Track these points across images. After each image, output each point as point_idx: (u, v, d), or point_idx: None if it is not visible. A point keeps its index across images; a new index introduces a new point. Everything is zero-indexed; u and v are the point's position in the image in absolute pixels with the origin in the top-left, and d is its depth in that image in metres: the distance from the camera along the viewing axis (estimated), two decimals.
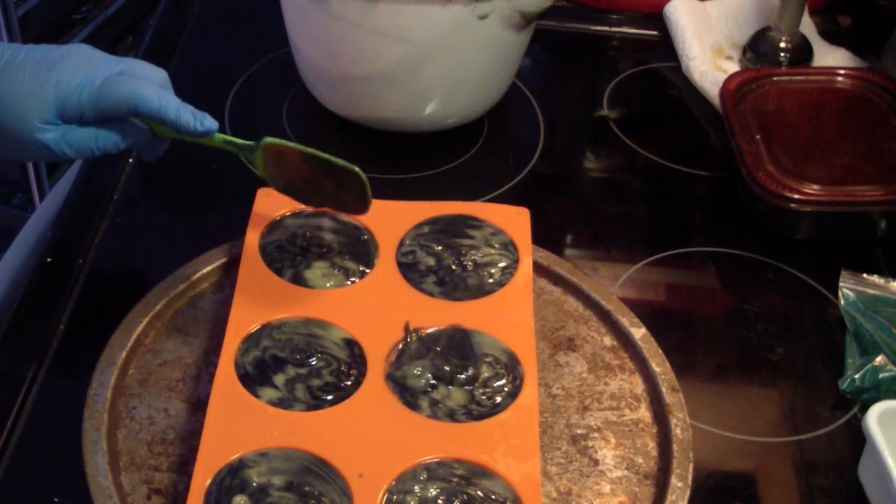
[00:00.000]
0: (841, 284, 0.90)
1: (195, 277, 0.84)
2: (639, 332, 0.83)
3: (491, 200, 0.98)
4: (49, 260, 0.88)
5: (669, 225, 0.99)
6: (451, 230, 0.86)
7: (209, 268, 0.85)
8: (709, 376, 0.86)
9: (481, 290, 0.82)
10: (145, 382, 0.78)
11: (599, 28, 1.23)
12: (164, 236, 0.94)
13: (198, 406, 0.76)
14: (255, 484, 0.67)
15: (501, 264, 0.84)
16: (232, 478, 0.67)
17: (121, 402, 0.77)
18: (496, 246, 0.85)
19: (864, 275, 0.91)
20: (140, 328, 0.80)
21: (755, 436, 0.81)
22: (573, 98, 1.16)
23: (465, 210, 0.88)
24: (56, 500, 0.71)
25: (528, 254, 0.85)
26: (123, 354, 0.78)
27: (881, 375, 0.82)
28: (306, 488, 0.67)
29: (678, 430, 0.76)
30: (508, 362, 0.77)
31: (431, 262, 0.84)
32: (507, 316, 0.80)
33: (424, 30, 0.94)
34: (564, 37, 1.23)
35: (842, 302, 0.89)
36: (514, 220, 0.87)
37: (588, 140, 1.11)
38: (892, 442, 0.74)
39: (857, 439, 0.77)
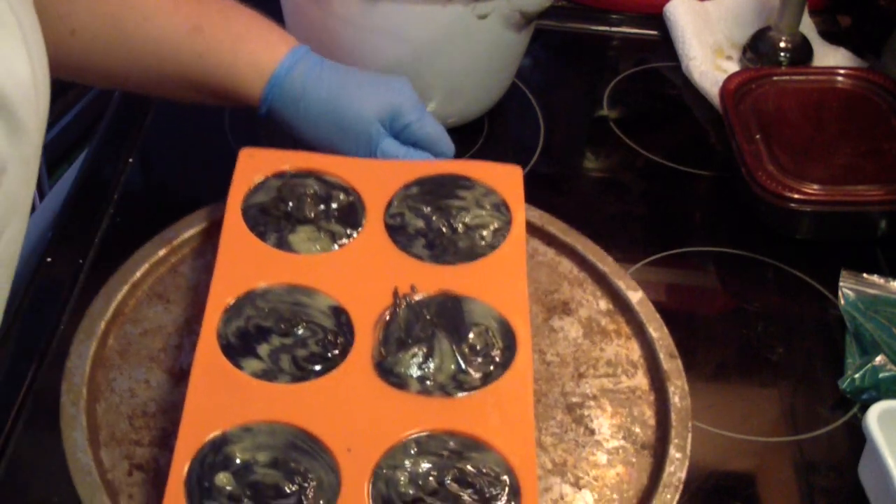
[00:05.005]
0: (841, 284, 0.90)
1: (176, 242, 0.82)
2: (636, 296, 0.81)
3: None
4: (49, 260, 0.88)
5: (669, 225, 0.99)
6: (440, 191, 0.82)
7: (190, 232, 0.83)
8: (709, 376, 0.86)
9: (473, 254, 0.79)
10: (125, 353, 0.76)
11: (599, 28, 1.23)
12: None
13: (179, 377, 0.74)
14: (238, 461, 0.65)
15: (493, 226, 0.80)
16: (215, 454, 0.65)
17: (100, 373, 0.74)
18: (487, 207, 0.82)
19: (864, 275, 0.91)
20: (120, 296, 0.77)
21: (755, 436, 0.81)
22: (573, 98, 1.16)
23: (455, 169, 0.84)
24: (56, 500, 0.71)
25: (521, 215, 0.81)
26: (102, 324, 0.75)
27: (881, 375, 0.82)
28: (292, 465, 0.65)
29: (676, 399, 0.74)
30: (501, 330, 0.73)
31: (421, 224, 0.80)
32: (500, 281, 0.77)
33: (424, 30, 0.94)
34: (564, 37, 1.23)
35: (842, 302, 0.89)
36: (507, 179, 0.84)
37: (588, 140, 1.11)
38: (892, 442, 0.74)
39: (857, 439, 0.77)
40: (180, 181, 1.01)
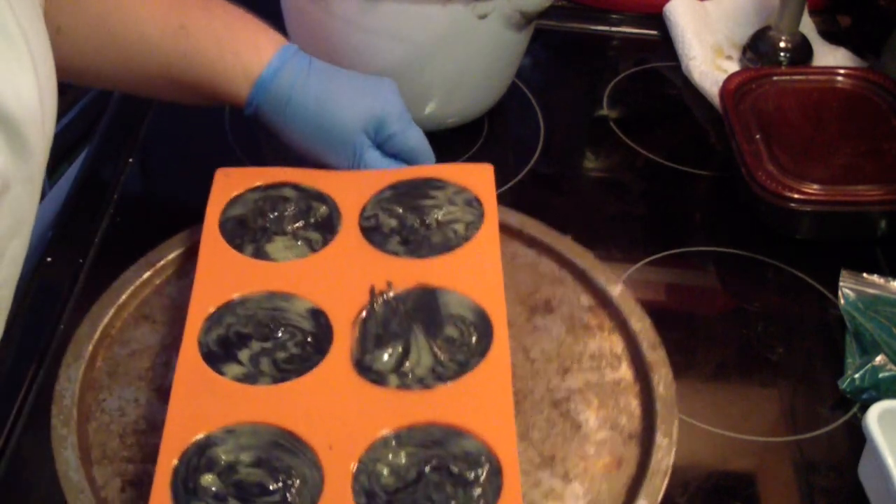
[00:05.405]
0: (841, 284, 0.90)
1: (160, 264, 0.83)
2: (616, 290, 0.81)
3: None
4: (49, 260, 0.88)
5: (669, 225, 0.99)
6: (413, 193, 0.84)
7: (174, 254, 0.84)
8: (709, 376, 0.86)
9: (447, 247, 0.80)
10: (114, 374, 0.77)
11: (599, 28, 1.23)
12: (165, 236, 0.94)
13: (167, 394, 0.73)
14: (223, 462, 0.66)
15: (466, 220, 0.82)
16: (199, 457, 0.66)
17: (90, 395, 0.75)
18: (460, 203, 0.83)
19: (864, 275, 0.91)
20: (106, 319, 0.78)
21: (755, 436, 0.81)
22: (573, 98, 1.16)
23: (428, 173, 0.85)
24: (56, 500, 0.71)
25: (493, 207, 0.83)
26: (90, 347, 0.76)
27: (881, 375, 0.82)
28: (276, 463, 0.66)
29: (661, 388, 0.75)
30: (477, 319, 0.74)
31: (394, 223, 0.81)
32: (474, 271, 0.78)
33: (424, 30, 0.95)
34: (564, 37, 1.23)
35: (842, 302, 0.89)
36: (478, 177, 0.85)
37: (588, 140, 1.11)
38: (892, 442, 0.74)
39: (857, 439, 0.77)
40: (180, 181, 1.01)
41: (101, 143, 1.02)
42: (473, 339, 0.73)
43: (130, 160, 0.99)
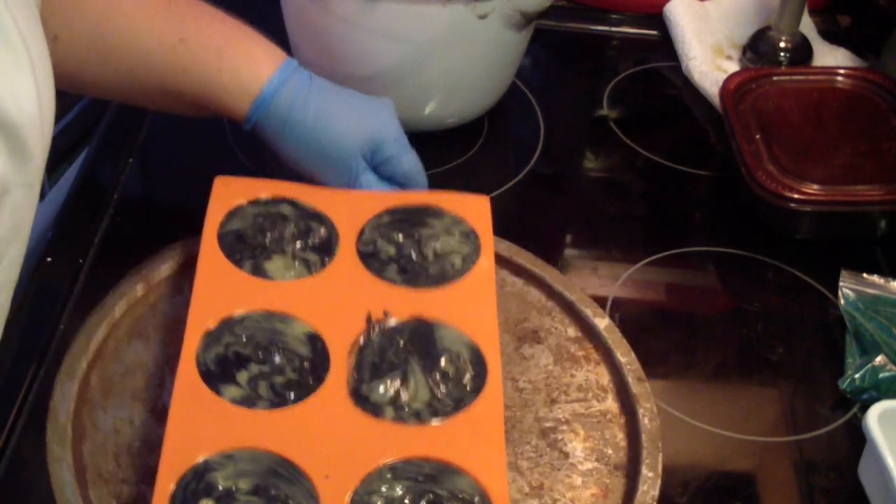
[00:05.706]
0: (841, 284, 0.90)
1: (154, 280, 0.82)
2: (602, 323, 0.82)
3: (491, 200, 0.97)
4: (49, 260, 0.88)
5: (669, 225, 0.99)
6: (411, 220, 0.84)
7: (167, 267, 0.83)
8: (709, 376, 0.86)
9: (444, 279, 0.80)
10: (108, 392, 0.76)
11: (599, 28, 1.23)
12: (165, 237, 0.94)
13: (163, 414, 0.73)
14: (221, 488, 0.65)
15: (463, 252, 0.82)
16: (197, 482, 0.65)
17: (84, 413, 0.74)
18: (456, 234, 0.83)
19: (864, 275, 0.91)
20: (100, 336, 0.78)
21: (755, 436, 0.81)
22: (573, 98, 1.16)
23: (425, 200, 0.86)
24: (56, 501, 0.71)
25: (489, 242, 0.83)
26: (84, 364, 0.76)
27: (881, 375, 0.82)
28: (273, 491, 0.66)
29: (646, 420, 0.76)
30: (471, 356, 0.75)
31: (392, 251, 0.82)
32: (470, 306, 0.78)
33: (424, 30, 0.95)
34: (564, 37, 1.23)
35: (842, 302, 0.89)
36: (475, 209, 0.85)
37: (588, 140, 1.11)
38: (892, 442, 0.74)
39: (857, 439, 0.77)
40: (180, 181, 1.01)
41: (100, 143, 1.02)
42: (468, 375, 0.74)
43: (130, 161, 0.99)
